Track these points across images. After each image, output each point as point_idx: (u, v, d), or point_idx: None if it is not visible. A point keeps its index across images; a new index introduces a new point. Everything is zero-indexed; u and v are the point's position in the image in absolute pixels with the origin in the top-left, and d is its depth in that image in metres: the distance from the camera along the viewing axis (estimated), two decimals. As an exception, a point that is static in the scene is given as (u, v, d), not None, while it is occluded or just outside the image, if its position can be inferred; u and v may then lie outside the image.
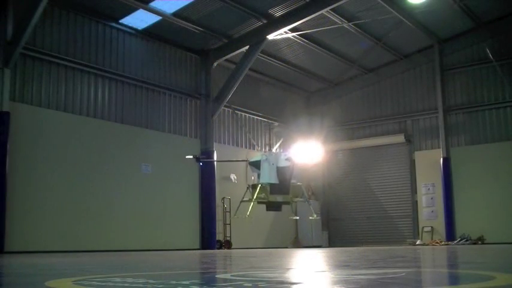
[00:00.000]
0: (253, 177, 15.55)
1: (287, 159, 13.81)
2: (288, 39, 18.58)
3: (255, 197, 13.49)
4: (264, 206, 14.65)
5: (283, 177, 13.62)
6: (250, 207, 13.62)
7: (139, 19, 16.05)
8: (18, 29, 12.81)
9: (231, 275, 3.85)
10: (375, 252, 9.84)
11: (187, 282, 3.14)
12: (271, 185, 13.46)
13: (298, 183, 14.78)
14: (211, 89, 18.28)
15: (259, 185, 13.30)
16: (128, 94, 16.04)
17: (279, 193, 13.69)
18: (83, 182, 14.36)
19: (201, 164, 16.58)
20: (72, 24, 14.77)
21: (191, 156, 15.50)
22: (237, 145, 19.77)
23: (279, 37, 17.79)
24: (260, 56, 18.58)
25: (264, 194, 13.44)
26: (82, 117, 14.64)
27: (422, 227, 20.50)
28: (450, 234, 19.54)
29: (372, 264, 5.08)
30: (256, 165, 14.21)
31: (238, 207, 14.23)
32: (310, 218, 15.21)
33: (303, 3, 16.45)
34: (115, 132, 15.40)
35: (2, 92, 12.70)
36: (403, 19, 18.06)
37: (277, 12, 16.96)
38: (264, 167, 13.41)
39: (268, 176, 13.28)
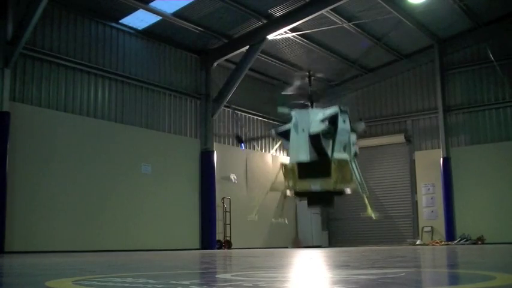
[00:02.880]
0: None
1: (325, 120, 7.41)
2: (288, 39, 18.58)
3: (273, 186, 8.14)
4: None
5: (319, 149, 7.68)
6: (258, 203, 8.37)
7: (139, 19, 16.05)
8: (18, 29, 12.81)
9: (231, 275, 3.85)
10: (375, 252, 9.84)
11: (187, 282, 3.14)
12: (301, 165, 7.76)
13: (346, 157, 7.75)
14: (211, 89, 18.29)
15: (282, 167, 7.76)
16: (128, 94, 16.04)
17: (314, 177, 7.77)
18: (82, 182, 14.35)
19: (242, 146, 14.26)
20: (72, 24, 14.76)
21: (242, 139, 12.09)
22: (237, 145, 19.77)
23: (279, 37, 17.79)
24: (260, 56, 18.58)
25: (291, 182, 7.86)
26: (82, 117, 14.64)
27: (422, 227, 20.51)
28: (450, 234, 19.54)
29: (372, 264, 5.07)
30: (286, 134, 8.65)
31: (260, 201, 8.79)
32: (367, 215, 8.69)
33: (303, 3, 16.45)
34: (115, 132, 15.39)
35: (2, 92, 12.70)
36: (403, 19, 18.06)
37: (277, 12, 16.96)
38: (292, 136, 7.84)
39: (296, 151, 7.75)
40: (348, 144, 6.53)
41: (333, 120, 6.19)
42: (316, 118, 6.96)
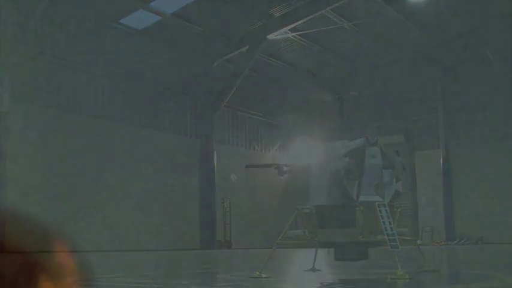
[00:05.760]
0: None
1: (347, 155, 5.57)
2: (288, 39, 18.56)
3: (283, 235, 6.02)
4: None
5: (342, 191, 5.77)
6: (267, 260, 5.24)
7: (140, 19, 16.05)
8: (18, 29, 12.78)
9: (231, 275, 3.86)
10: (375, 252, 9.84)
11: (187, 282, 3.14)
12: (319, 210, 5.89)
13: (377, 200, 5.51)
14: (211, 89, 18.25)
15: (296, 210, 6.00)
16: (128, 94, 16.04)
17: (336, 226, 5.85)
18: (82, 181, 14.34)
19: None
20: (72, 24, 14.75)
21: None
22: (237, 145, 19.78)
23: (279, 37, 17.78)
24: (260, 56, 18.57)
25: (306, 231, 5.96)
26: (82, 117, 14.63)
27: (423, 227, 20.49)
28: (450, 235, 19.53)
29: (372, 264, 5.07)
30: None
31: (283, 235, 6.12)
32: (396, 277, 4.59)
33: (303, 3, 16.44)
34: (115, 132, 15.39)
35: (2, 92, 12.67)
36: (403, 19, 18.04)
37: (277, 12, 16.95)
38: (313, 174, 6.31)
39: (314, 192, 6.14)
40: (379, 184, 4.98)
41: (359, 155, 5.17)
42: (339, 152, 5.36)
